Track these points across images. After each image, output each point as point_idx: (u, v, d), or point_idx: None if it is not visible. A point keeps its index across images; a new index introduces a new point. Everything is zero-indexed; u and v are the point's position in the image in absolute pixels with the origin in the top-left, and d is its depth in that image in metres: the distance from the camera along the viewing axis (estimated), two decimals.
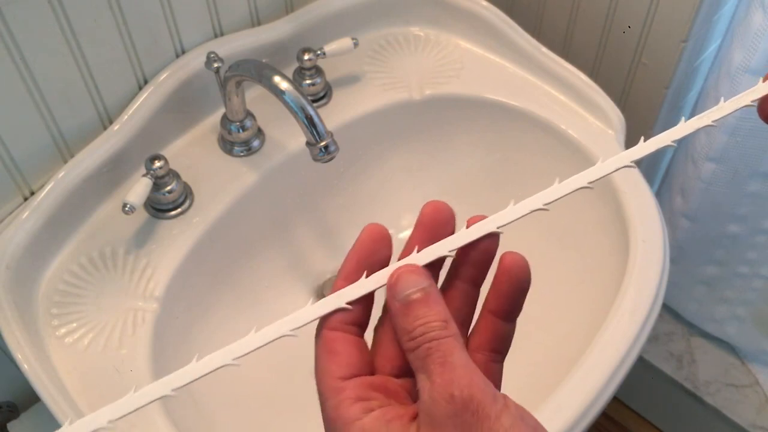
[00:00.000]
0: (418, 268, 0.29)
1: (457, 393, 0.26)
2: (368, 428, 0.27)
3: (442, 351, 0.27)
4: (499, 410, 0.26)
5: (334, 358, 0.29)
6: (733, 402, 1.09)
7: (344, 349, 0.29)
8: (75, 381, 0.57)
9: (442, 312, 0.28)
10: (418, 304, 0.28)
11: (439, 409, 0.26)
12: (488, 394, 0.26)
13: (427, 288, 0.29)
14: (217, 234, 0.68)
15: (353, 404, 0.28)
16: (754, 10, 0.74)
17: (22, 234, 0.60)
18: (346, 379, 0.29)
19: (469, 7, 0.78)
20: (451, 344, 0.27)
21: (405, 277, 0.29)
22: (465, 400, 0.26)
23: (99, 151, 0.64)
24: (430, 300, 0.28)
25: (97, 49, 0.62)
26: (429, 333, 0.27)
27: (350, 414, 0.28)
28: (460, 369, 0.26)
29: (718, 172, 0.87)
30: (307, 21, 0.76)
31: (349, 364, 0.29)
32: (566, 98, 0.75)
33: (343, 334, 0.30)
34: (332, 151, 0.61)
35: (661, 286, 0.63)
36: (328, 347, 0.30)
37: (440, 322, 0.28)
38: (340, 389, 0.28)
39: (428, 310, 0.28)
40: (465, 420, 0.26)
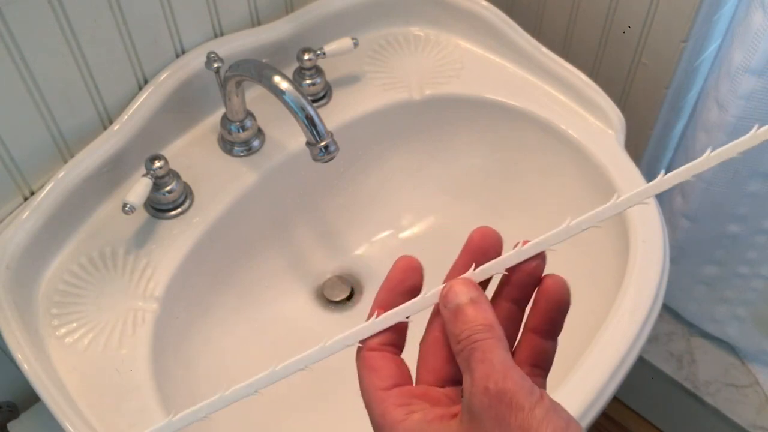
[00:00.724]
0: (469, 280, 0.32)
1: (492, 386, 0.27)
2: (410, 428, 0.29)
3: (483, 350, 0.29)
4: (534, 403, 0.27)
5: (376, 372, 0.31)
6: (733, 402, 1.09)
7: (384, 365, 0.32)
8: (75, 381, 0.57)
9: (489, 318, 0.30)
10: (466, 311, 0.30)
11: (476, 402, 0.27)
12: (524, 388, 0.27)
13: (476, 297, 0.31)
14: (217, 234, 0.68)
15: (396, 408, 0.30)
16: (754, 10, 0.74)
17: (22, 234, 0.60)
18: (389, 389, 0.31)
19: (469, 7, 0.78)
20: (493, 344, 0.29)
21: (456, 287, 0.31)
22: (500, 392, 0.27)
23: (99, 151, 0.64)
24: (477, 307, 0.30)
25: (97, 49, 0.62)
26: (473, 335, 0.29)
27: (395, 417, 0.30)
28: (498, 364, 0.28)
29: (718, 172, 0.87)
30: (307, 21, 0.76)
31: (389, 376, 0.31)
32: (566, 98, 0.75)
33: (380, 353, 0.32)
34: (332, 151, 0.61)
35: (661, 286, 0.63)
36: (369, 364, 0.32)
37: (484, 326, 0.29)
38: (383, 398, 0.30)
39: (475, 315, 0.30)
40: (499, 411, 0.27)
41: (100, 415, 0.56)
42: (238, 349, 0.71)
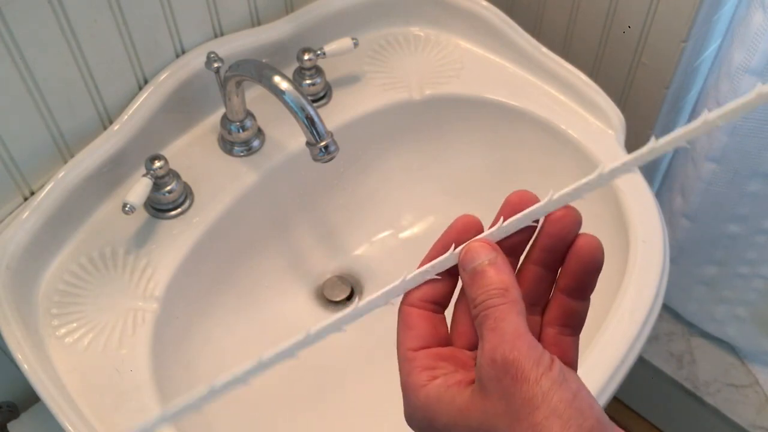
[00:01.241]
0: (486, 241, 0.31)
1: (498, 357, 0.27)
2: (431, 394, 0.29)
3: (495, 317, 0.28)
4: (540, 374, 0.26)
5: (409, 331, 0.31)
6: (733, 402, 1.09)
7: (418, 324, 0.31)
8: (75, 381, 0.57)
9: (506, 280, 0.29)
10: (483, 274, 0.30)
11: (485, 374, 0.27)
12: (530, 358, 0.27)
13: (494, 259, 0.30)
14: (217, 234, 0.68)
15: (421, 372, 0.30)
16: (754, 10, 0.74)
17: (22, 234, 0.60)
18: (417, 350, 0.31)
19: (469, 7, 0.78)
20: (505, 310, 0.28)
21: (474, 250, 0.31)
22: (506, 364, 0.27)
23: (99, 151, 0.64)
24: (494, 269, 0.30)
25: (97, 49, 0.62)
26: (488, 300, 0.29)
27: (418, 380, 0.30)
28: (508, 334, 0.27)
29: (718, 172, 0.87)
30: (307, 21, 0.76)
31: (420, 336, 0.31)
32: (566, 98, 0.75)
33: (419, 310, 0.32)
34: (332, 151, 0.61)
35: (661, 286, 0.63)
36: (405, 322, 0.32)
37: (499, 290, 0.29)
38: (411, 359, 0.31)
39: (492, 278, 0.29)
40: (505, 384, 0.26)
41: (100, 415, 0.56)
42: (238, 349, 0.71)
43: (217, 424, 0.66)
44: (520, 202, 0.32)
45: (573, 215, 0.31)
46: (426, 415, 0.29)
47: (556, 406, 0.26)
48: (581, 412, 0.26)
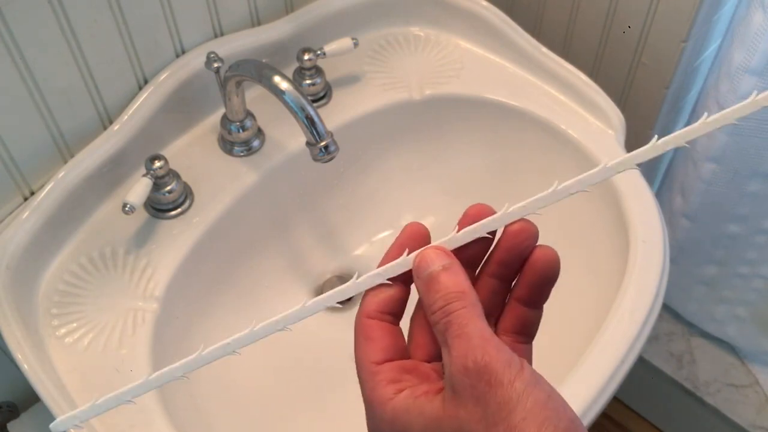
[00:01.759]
0: (440, 248, 0.31)
1: (471, 365, 0.27)
2: (398, 407, 0.29)
3: (458, 323, 0.28)
4: (513, 376, 0.26)
5: (370, 344, 0.31)
6: (733, 402, 1.09)
7: (379, 336, 0.31)
8: (75, 381, 0.58)
9: (462, 284, 0.29)
10: (439, 278, 0.30)
11: (457, 382, 0.27)
12: (501, 362, 0.27)
13: (447, 264, 0.30)
14: (217, 234, 0.68)
15: (387, 386, 0.30)
16: (754, 10, 0.74)
17: (22, 234, 0.60)
18: (381, 364, 0.31)
19: (469, 7, 0.78)
20: (467, 315, 0.28)
21: (428, 257, 0.31)
22: (479, 370, 0.27)
23: (99, 151, 0.64)
24: (449, 274, 0.30)
25: (97, 49, 0.62)
26: (447, 305, 0.29)
27: (384, 394, 0.29)
28: (475, 339, 0.27)
29: (718, 172, 0.87)
30: (307, 21, 0.76)
31: (383, 348, 0.31)
32: (566, 98, 0.75)
33: (378, 322, 0.32)
34: (332, 151, 0.61)
35: (661, 286, 0.63)
36: (365, 334, 0.31)
37: (457, 293, 0.29)
38: (375, 372, 0.30)
39: (448, 283, 0.29)
40: (480, 389, 0.27)
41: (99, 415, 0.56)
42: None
43: (217, 424, 0.66)
44: (478, 215, 0.32)
45: (529, 229, 0.31)
46: (394, 429, 0.29)
47: (531, 408, 0.26)
48: (556, 413, 0.26)
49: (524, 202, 0.31)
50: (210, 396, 0.67)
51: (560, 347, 0.69)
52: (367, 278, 0.32)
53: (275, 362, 0.73)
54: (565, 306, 0.73)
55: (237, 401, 0.69)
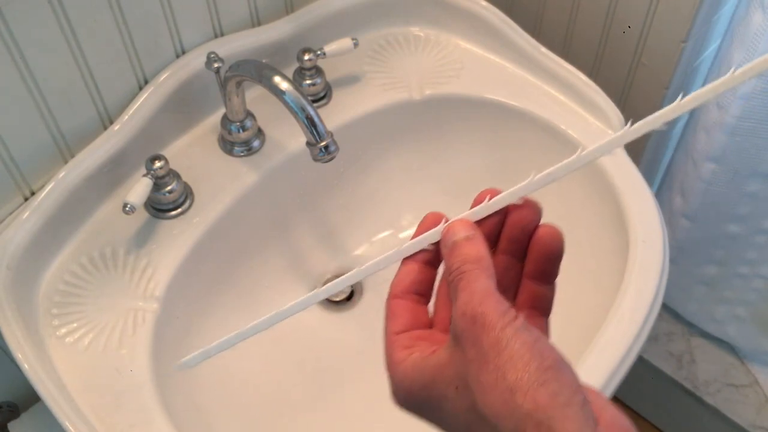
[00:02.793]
0: (466, 220, 0.34)
1: (468, 311, 0.29)
2: (408, 367, 0.32)
3: (467, 279, 0.31)
4: (506, 323, 0.29)
5: (393, 319, 0.34)
6: (732, 402, 1.09)
7: (401, 312, 0.34)
8: (75, 381, 0.58)
9: (480, 252, 0.32)
10: (461, 246, 0.33)
11: (456, 327, 0.30)
12: (497, 310, 0.29)
13: (471, 235, 0.33)
14: (218, 234, 0.68)
15: (401, 351, 0.33)
16: (754, 10, 0.74)
17: (23, 234, 0.60)
18: (399, 334, 0.34)
19: (469, 8, 0.78)
20: (477, 274, 0.31)
21: (454, 227, 0.34)
22: (475, 315, 0.29)
23: (99, 151, 0.65)
24: (471, 242, 0.33)
25: (97, 49, 0.62)
26: (462, 266, 0.32)
27: (397, 358, 0.33)
28: (478, 292, 0.30)
29: (718, 172, 0.87)
30: (307, 21, 0.76)
31: (402, 323, 0.34)
32: (566, 98, 0.75)
33: (403, 301, 0.35)
34: (332, 151, 0.61)
35: (660, 286, 0.63)
36: (390, 312, 0.35)
37: (474, 258, 0.32)
38: (392, 342, 0.33)
39: (468, 249, 0.32)
40: (474, 333, 0.29)
41: (100, 415, 0.56)
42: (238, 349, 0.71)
43: (216, 423, 0.66)
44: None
45: (532, 206, 0.34)
46: (406, 386, 0.32)
47: (518, 349, 0.28)
48: (541, 353, 0.28)
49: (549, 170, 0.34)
50: (210, 395, 0.67)
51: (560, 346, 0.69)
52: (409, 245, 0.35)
53: (276, 362, 0.73)
54: (564, 305, 0.73)
55: (237, 401, 0.69)
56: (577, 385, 0.28)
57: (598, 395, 0.30)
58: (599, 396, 0.30)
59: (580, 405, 0.27)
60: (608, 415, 0.29)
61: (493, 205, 0.34)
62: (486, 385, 0.28)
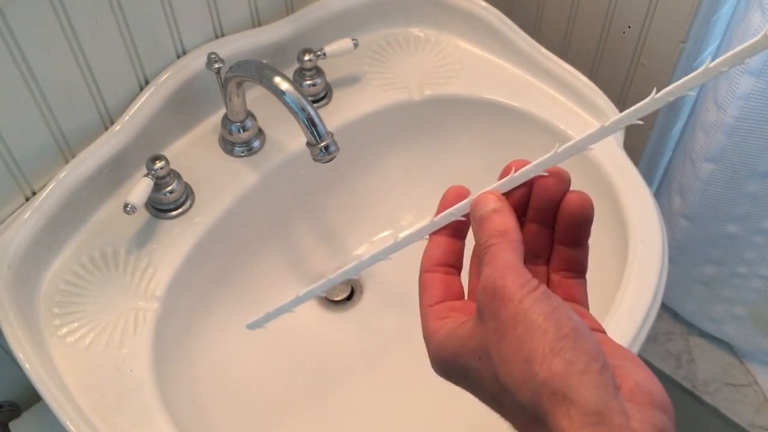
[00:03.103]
0: (494, 192, 0.35)
1: (489, 284, 0.30)
2: (441, 336, 0.33)
3: (492, 253, 0.31)
4: (524, 294, 0.29)
5: (426, 292, 0.35)
6: (731, 401, 1.09)
7: (433, 285, 0.35)
8: (76, 380, 0.58)
9: (507, 224, 0.33)
10: (488, 219, 0.33)
11: (480, 300, 0.30)
12: (516, 284, 0.29)
13: (499, 207, 0.33)
14: (218, 234, 0.68)
15: (435, 321, 0.34)
16: (753, 11, 0.74)
17: (24, 234, 0.60)
18: (433, 306, 0.34)
19: (469, 8, 0.79)
20: (502, 248, 0.31)
21: (482, 200, 0.34)
22: (495, 288, 0.30)
23: (100, 151, 0.65)
24: (498, 215, 0.33)
25: (98, 50, 0.62)
26: (489, 239, 0.32)
27: (432, 328, 0.33)
28: (500, 266, 0.30)
29: (716, 172, 0.87)
30: (307, 22, 0.76)
31: (435, 295, 0.35)
32: (565, 99, 0.75)
33: (434, 274, 0.35)
34: (332, 151, 0.61)
35: (659, 285, 0.63)
36: (423, 285, 0.35)
37: (501, 231, 0.32)
38: (427, 314, 0.34)
39: (496, 222, 0.33)
40: (494, 306, 0.29)
41: (101, 414, 0.56)
42: (238, 348, 0.71)
43: (217, 423, 0.66)
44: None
45: (559, 175, 0.35)
46: (440, 356, 0.33)
47: (535, 319, 0.28)
48: (558, 322, 0.28)
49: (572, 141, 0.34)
50: (211, 395, 0.67)
51: None
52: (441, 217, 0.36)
53: (276, 362, 0.73)
54: None
55: (238, 401, 0.69)
56: (597, 352, 0.28)
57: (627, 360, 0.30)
58: (629, 361, 0.30)
59: (597, 372, 0.27)
60: (632, 382, 0.29)
61: (518, 178, 0.35)
62: (505, 356, 0.29)
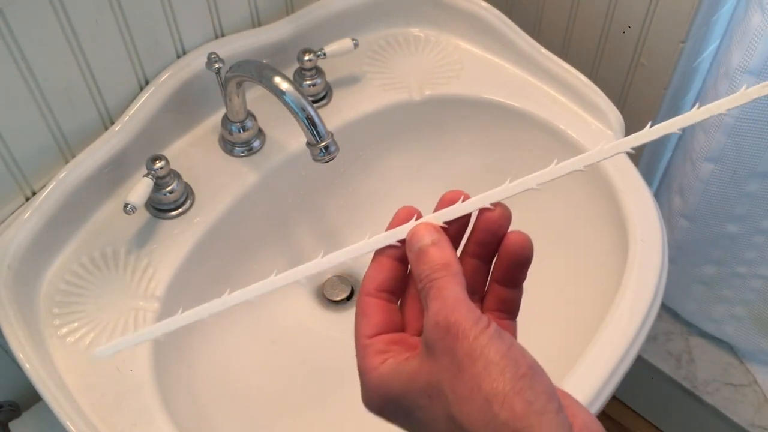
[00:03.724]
0: (430, 224, 0.34)
1: (442, 320, 0.29)
2: (383, 372, 0.32)
3: (438, 287, 0.31)
4: (479, 331, 0.29)
5: (365, 319, 0.34)
6: (731, 401, 1.09)
7: (374, 312, 0.34)
8: (76, 380, 0.58)
9: (447, 257, 0.32)
10: (428, 252, 0.32)
11: (429, 336, 0.30)
12: (470, 319, 0.29)
13: (437, 239, 0.33)
14: (218, 234, 0.68)
15: (375, 356, 0.33)
16: (753, 11, 0.74)
17: (24, 234, 0.60)
18: (371, 337, 0.33)
19: (469, 8, 0.79)
20: (448, 281, 0.31)
21: (419, 232, 0.33)
22: (448, 324, 0.29)
23: (100, 151, 0.65)
24: (437, 248, 0.32)
25: (98, 50, 0.62)
26: (431, 273, 0.31)
27: (372, 363, 0.32)
28: (450, 300, 0.30)
29: (716, 172, 0.87)
30: (307, 22, 0.76)
31: (374, 324, 0.34)
32: (565, 99, 0.75)
33: (375, 300, 0.34)
34: (332, 151, 0.61)
35: (659, 285, 0.63)
36: (362, 310, 0.34)
37: (442, 264, 0.32)
38: (366, 345, 0.33)
39: (435, 255, 0.32)
40: (448, 342, 0.29)
41: (101, 414, 0.56)
42: (238, 349, 0.71)
43: (217, 423, 0.66)
44: (453, 200, 0.35)
45: (502, 212, 0.34)
46: (381, 393, 0.32)
47: (493, 357, 0.28)
48: (515, 361, 0.28)
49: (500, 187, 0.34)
50: (211, 395, 0.67)
51: (559, 346, 0.69)
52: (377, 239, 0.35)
53: (276, 362, 0.73)
54: (564, 305, 0.73)
55: (238, 400, 0.69)
56: (552, 391, 0.28)
57: (571, 399, 0.30)
58: (572, 400, 0.30)
59: (555, 412, 0.27)
60: (581, 420, 0.29)
61: (464, 208, 0.34)
62: (461, 395, 0.28)
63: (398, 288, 0.35)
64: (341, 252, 0.36)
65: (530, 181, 0.34)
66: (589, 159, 0.34)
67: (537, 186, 0.34)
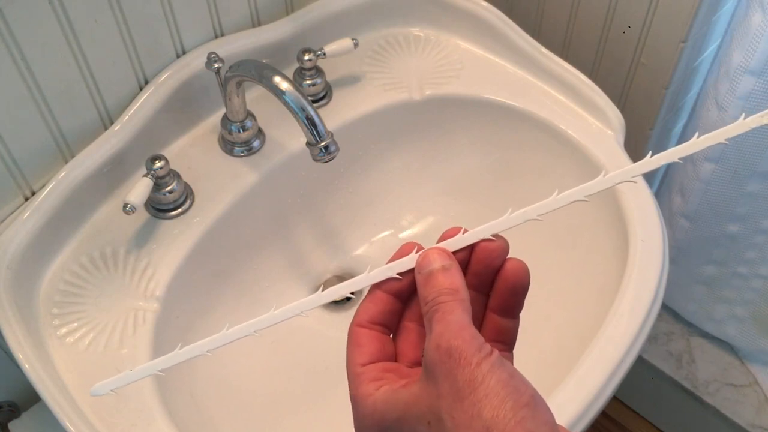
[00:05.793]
0: (444, 250, 0.34)
1: (443, 344, 0.29)
2: (378, 400, 0.31)
3: (443, 311, 0.31)
4: (481, 358, 0.28)
5: (358, 349, 0.33)
6: (732, 402, 1.09)
7: (367, 342, 0.34)
8: (76, 380, 0.58)
9: (456, 283, 0.32)
10: (437, 276, 0.32)
11: (430, 359, 0.29)
12: (473, 345, 0.29)
13: (447, 265, 0.33)
14: (218, 234, 0.68)
15: (369, 383, 0.32)
16: (753, 11, 0.74)
17: (23, 234, 0.60)
18: (365, 365, 0.33)
19: (469, 8, 0.79)
20: (454, 306, 0.31)
21: (430, 255, 0.33)
22: (450, 349, 0.29)
23: (100, 151, 0.65)
24: (447, 273, 0.32)
25: (97, 50, 0.62)
26: (438, 297, 0.31)
27: (366, 391, 0.32)
28: (453, 325, 0.30)
29: (717, 172, 0.87)
30: (307, 21, 0.76)
31: (369, 353, 0.33)
32: (566, 98, 0.75)
33: (368, 330, 0.34)
34: (332, 151, 0.61)
35: (660, 285, 0.63)
36: (354, 340, 0.34)
37: (450, 289, 0.31)
38: (359, 373, 0.33)
39: (444, 280, 0.32)
40: (449, 367, 0.29)
41: (100, 415, 0.56)
42: (238, 349, 0.71)
43: (217, 423, 0.66)
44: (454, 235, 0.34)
45: (499, 244, 0.34)
46: (375, 420, 0.31)
47: (494, 386, 0.28)
48: (517, 390, 0.28)
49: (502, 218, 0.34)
50: (211, 395, 0.67)
51: (560, 347, 0.69)
52: (378, 272, 0.34)
53: (276, 362, 0.73)
54: (564, 306, 0.73)
55: (238, 401, 0.69)
56: (553, 422, 0.28)
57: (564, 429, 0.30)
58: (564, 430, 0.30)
59: None
60: None
61: (467, 239, 0.34)
62: (460, 422, 0.28)
63: (392, 322, 0.35)
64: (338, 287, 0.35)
65: (531, 212, 0.34)
66: (591, 189, 0.34)
67: (538, 217, 0.34)
